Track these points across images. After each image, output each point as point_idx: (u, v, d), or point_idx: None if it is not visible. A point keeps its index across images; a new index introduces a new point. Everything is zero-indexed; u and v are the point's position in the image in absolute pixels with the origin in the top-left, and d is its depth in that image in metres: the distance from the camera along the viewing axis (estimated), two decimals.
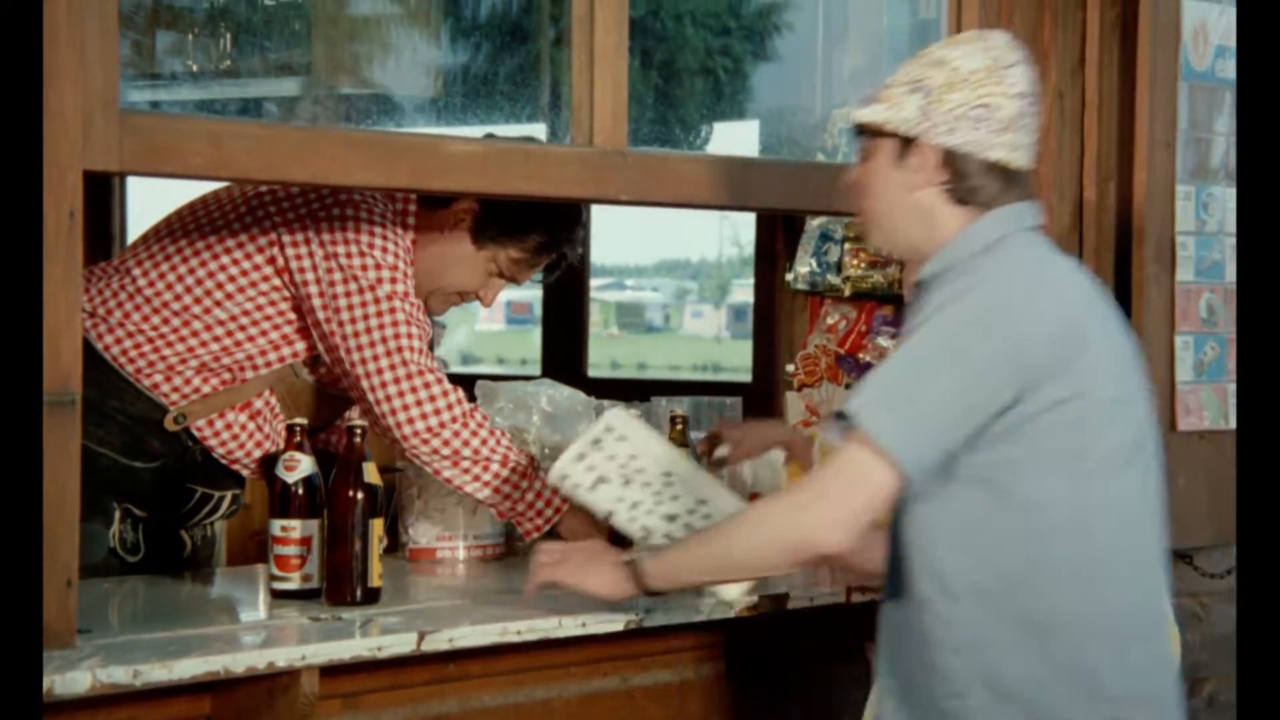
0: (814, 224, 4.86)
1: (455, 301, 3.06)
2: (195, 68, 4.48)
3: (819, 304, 4.89)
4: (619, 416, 2.72)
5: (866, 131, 2.38)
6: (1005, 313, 2.21)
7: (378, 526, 2.56)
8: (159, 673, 2.19)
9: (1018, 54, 2.37)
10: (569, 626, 2.53)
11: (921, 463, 2.16)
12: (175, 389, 2.92)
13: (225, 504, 3.05)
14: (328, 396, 3.02)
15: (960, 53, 2.35)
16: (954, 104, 2.32)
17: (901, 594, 2.27)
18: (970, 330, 2.19)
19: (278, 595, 2.60)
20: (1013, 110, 2.33)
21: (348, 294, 2.85)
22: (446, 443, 2.86)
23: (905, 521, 2.25)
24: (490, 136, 3.06)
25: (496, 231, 2.98)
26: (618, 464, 2.70)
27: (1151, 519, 2.27)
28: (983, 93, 2.33)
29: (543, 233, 3.01)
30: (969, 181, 2.33)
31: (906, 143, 2.34)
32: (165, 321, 2.91)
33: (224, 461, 2.98)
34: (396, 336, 2.85)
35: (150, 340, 2.91)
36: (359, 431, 2.56)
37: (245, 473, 3.04)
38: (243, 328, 2.91)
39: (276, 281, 2.89)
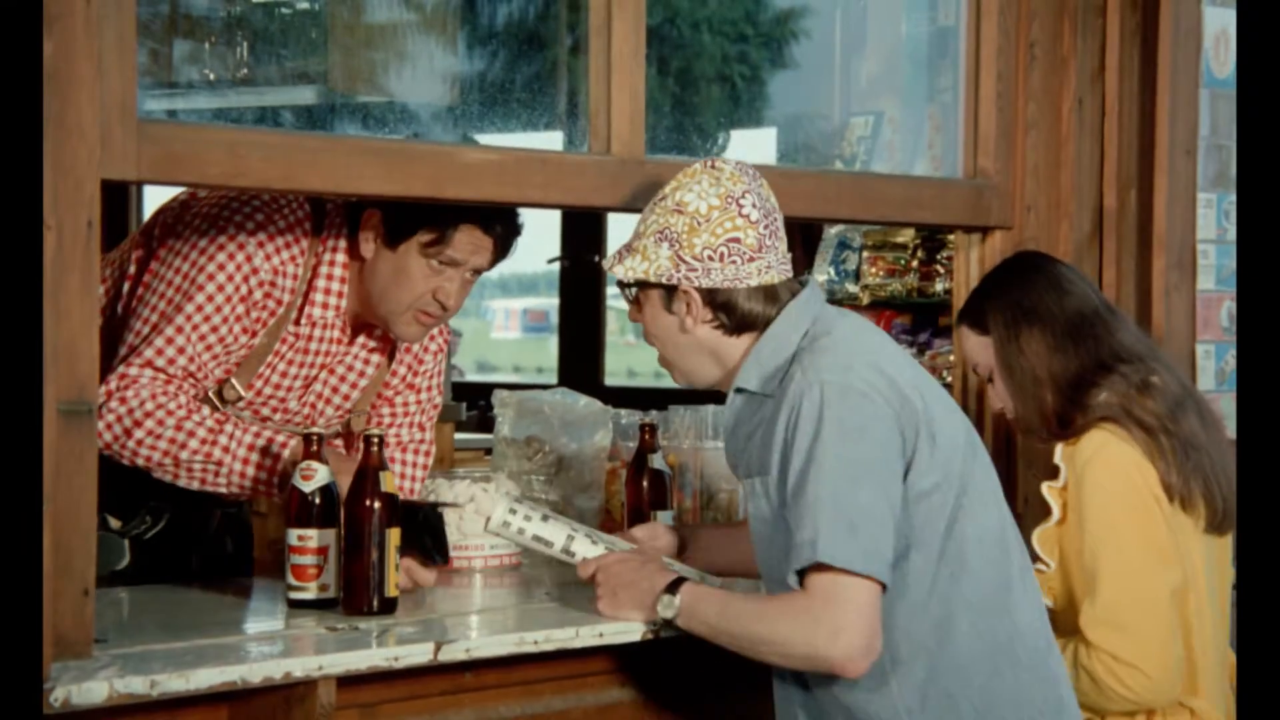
0: (832, 232, 4.86)
1: (425, 320, 2.83)
2: (212, 76, 4.49)
3: None
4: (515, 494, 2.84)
5: (630, 284, 2.55)
6: (867, 405, 2.37)
7: (395, 536, 2.55)
8: (176, 683, 2.19)
9: (747, 180, 2.52)
10: (586, 637, 2.52)
11: (888, 566, 2.36)
12: None
13: (142, 522, 2.97)
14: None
15: (694, 194, 2.50)
16: (701, 246, 2.48)
17: (808, 677, 2.45)
18: (854, 438, 2.36)
19: (294, 605, 2.59)
20: (757, 236, 2.49)
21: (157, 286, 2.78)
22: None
23: None
24: None
25: (402, 223, 2.78)
26: (550, 512, 2.74)
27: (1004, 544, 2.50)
28: (725, 228, 2.48)
29: (441, 205, 2.78)
30: (738, 313, 2.50)
31: (670, 290, 2.51)
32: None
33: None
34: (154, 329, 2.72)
35: None
36: (375, 440, 2.55)
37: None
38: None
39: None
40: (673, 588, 2.49)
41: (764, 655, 2.41)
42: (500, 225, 2.81)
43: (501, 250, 2.83)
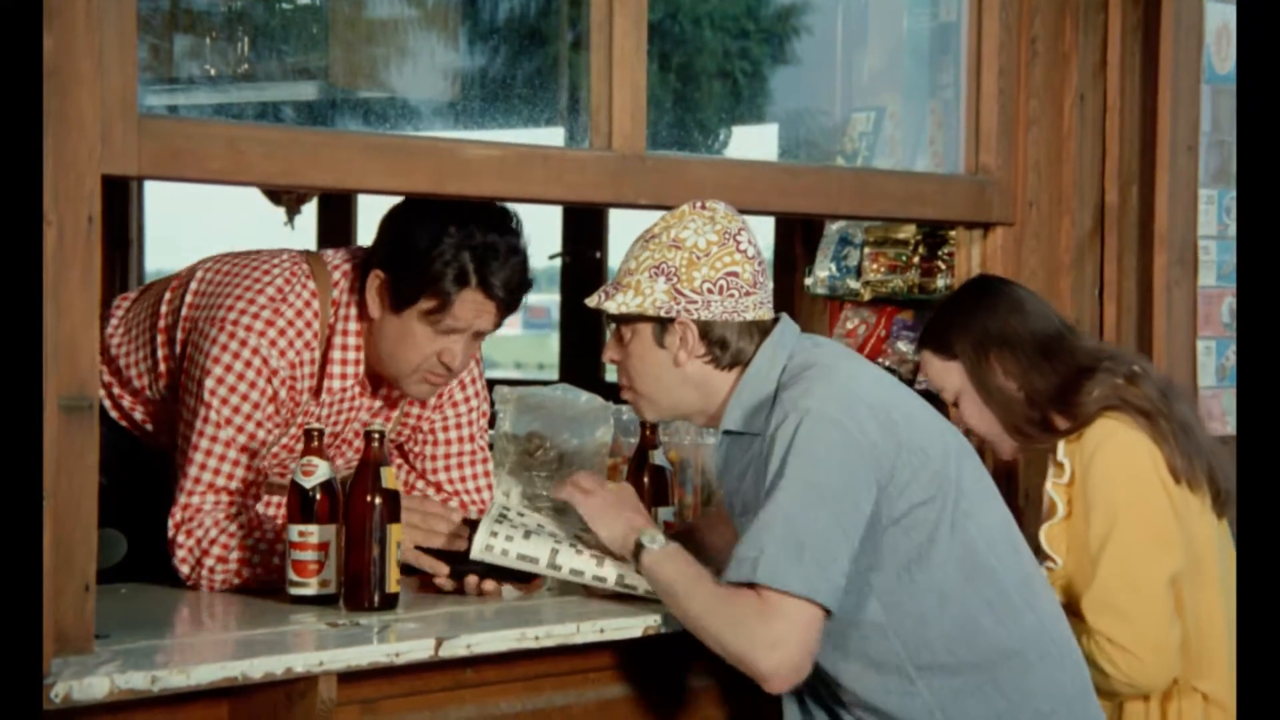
0: (833, 228, 4.85)
1: (432, 380, 2.80)
2: (213, 72, 4.48)
3: (838, 308, 4.89)
4: (505, 500, 2.72)
5: (622, 319, 2.56)
6: (838, 434, 2.40)
7: (396, 532, 2.55)
8: (177, 678, 2.19)
9: (739, 220, 2.58)
10: (587, 632, 2.52)
11: (834, 591, 2.36)
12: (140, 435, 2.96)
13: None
14: None
15: (690, 231, 2.54)
16: (701, 280, 2.52)
17: (828, 689, 2.49)
18: (820, 464, 2.38)
19: (295, 600, 2.59)
20: (753, 271, 2.54)
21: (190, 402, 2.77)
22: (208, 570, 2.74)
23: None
24: None
25: (405, 290, 2.74)
26: (534, 523, 2.68)
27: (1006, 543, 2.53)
28: (725, 262, 2.53)
29: (443, 274, 2.71)
30: (731, 348, 2.54)
31: (664, 323, 2.53)
32: (126, 385, 2.94)
33: None
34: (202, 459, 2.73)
35: (117, 396, 2.94)
36: (377, 436, 2.55)
37: None
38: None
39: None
40: (664, 535, 2.54)
41: (702, 631, 2.44)
42: (504, 290, 2.75)
43: (507, 310, 2.79)
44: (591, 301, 2.59)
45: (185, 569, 2.73)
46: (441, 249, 2.71)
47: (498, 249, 2.73)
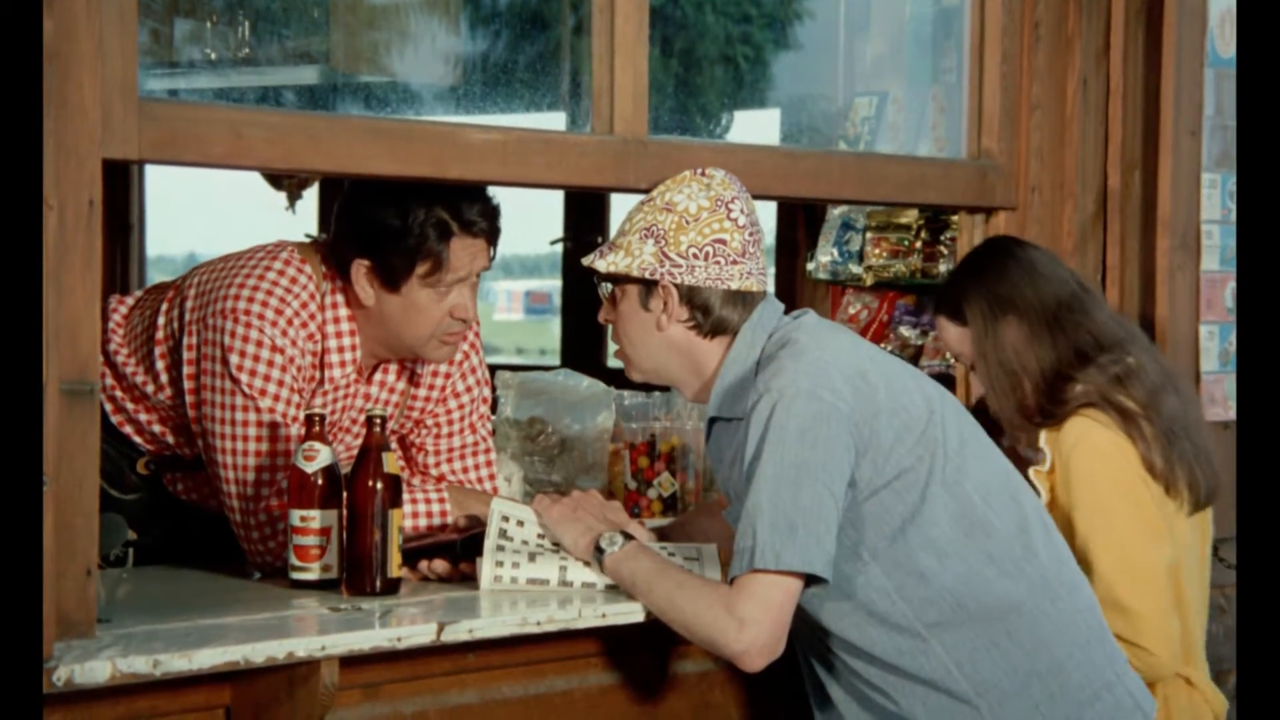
0: (835, 213, 4.85)
1: (450, 339, 2.81)
2: (214, 56, 4.48)
3: (840, 293, 4.89)
4: (503, 505, 2.69)
5: (610, 279, 2.58)
6: (813, 407, 2.39)
7: (398, 517, 2.55)
8: (179, 663, 2.19)
9: (736, 188, 2.59)
10: (589, 617, 2.52)
11: (829, 560, 2.38)
12: (145, 440, 2.93)
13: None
14: None
15: (684, 195, 2.56)
16: (687, 244, 2.54)
17: (841, 659, 2.50)
18: (797, 442, 2.38)
19: (297, 585, 2.59)
20: (742, 241, 2.55)
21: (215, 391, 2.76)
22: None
23: (832, 623, 2.48)
24: None
25: (395, 266, 2.75)
26: (535, 543, 2.66)
27: (997, 506, 2.50)
28: (713, 229, 2.54)
29: (426, 235, 2.73)
30: (714, 316, 2.55)
31: (649, 286, 2.55)
32: (129, 390, 2.92)
33: (205, 506, 2.95)
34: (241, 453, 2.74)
35: (119, 400, 2.92)
36: (379, 421, 2.55)
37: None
38: (181, 415, 2.87)
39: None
40: (625, 535, 2.56)
41: (672, 622, 2.45)
42: (485, 219, 2.76)
43: (493, 241, 2.80)
44: (586, 260, 2.62)
45: (259, 548, 2.73)
46: (415, 215, 2.73)
47: (459, 192, 2.76)
